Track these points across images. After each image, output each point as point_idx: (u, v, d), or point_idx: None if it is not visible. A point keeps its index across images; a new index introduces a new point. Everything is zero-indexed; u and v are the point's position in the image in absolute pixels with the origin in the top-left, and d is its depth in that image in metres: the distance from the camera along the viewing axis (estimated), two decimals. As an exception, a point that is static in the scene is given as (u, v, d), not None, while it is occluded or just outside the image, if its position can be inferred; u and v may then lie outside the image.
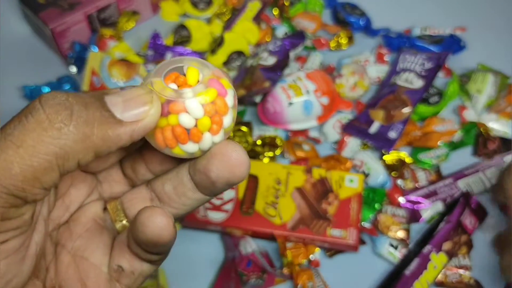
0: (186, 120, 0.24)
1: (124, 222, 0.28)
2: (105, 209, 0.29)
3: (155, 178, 0.28)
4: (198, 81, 0.25)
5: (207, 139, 0.24)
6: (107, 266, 0.27)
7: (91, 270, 0.26)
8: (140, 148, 0.28)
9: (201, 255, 0.54)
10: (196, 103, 0.24)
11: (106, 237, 0.28)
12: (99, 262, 0.27)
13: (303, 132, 0.62)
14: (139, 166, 0.28)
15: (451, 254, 0.52)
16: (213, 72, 0.25)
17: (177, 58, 0.26)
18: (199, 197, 0.26)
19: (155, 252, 0.26)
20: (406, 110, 0.61)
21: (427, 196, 0.57)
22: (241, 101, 0.63)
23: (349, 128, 0.61)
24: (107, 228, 0.28)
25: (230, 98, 0.25)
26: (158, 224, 0.24)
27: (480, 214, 0.55)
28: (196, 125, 0.24)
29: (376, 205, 0.56)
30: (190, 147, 0.25)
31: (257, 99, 0.63)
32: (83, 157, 0.22)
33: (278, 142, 0.60)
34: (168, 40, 0.69)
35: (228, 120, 0.25)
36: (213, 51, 0.67)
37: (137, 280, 0.27)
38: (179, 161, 0.27)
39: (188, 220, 0.54)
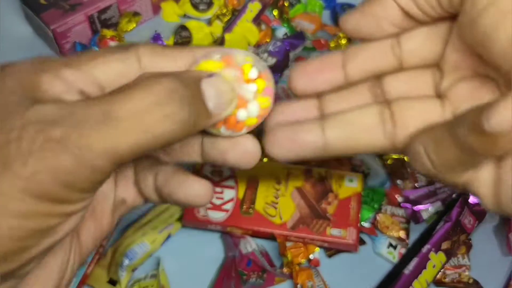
0: (243, 116, 0.26)
1: None
2: None
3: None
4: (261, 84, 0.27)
5: (243, 131, 0.27)
6: (113, 197, 0.28)
7: (100, 198, 0.27)
8: None
9: (201, 254, 0.55)
10: (257, 107, 0.27)
11: None
12: (107, 191, 0.28)
13: (303, 132, 0.63)
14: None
15: (450, 254, 0.52)
16: (270, 77, 0.27)
17: (243, 53, 0.27)
18: (199, 160, 0.29)
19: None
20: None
21: (426, 196, 0.57)
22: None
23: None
24: None
25: (272, 103, 0.27)
26: (202, 195, 0.28)
27: (479, 213, 0.55)
28: (245, 120, 0.27)
29: (376, 205, 0.56)
30: (227, 132, 0.27)
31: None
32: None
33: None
34: (169, 41, 0.69)
35: (261, 122, 0.28)
36: (213, 51, 0.68)
37: (131, 210, 0.29)
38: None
39: (188, 220, 0.54)
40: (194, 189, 0.27)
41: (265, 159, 0.60)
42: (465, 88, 0.25)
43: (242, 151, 0.27)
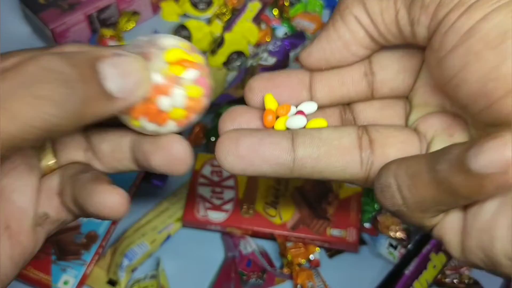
0: (165, 104, 0.23)
1: (51, 163, 0.26)
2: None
3: (94, 131, 0.26)
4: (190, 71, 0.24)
5: (170, 127, 0.24)
6: (33, 211, 0.25)
7: (16, 213, 0.24)
8: None
9: (201, 254, 0.55)
10: (183, 94, 0.23)
11: (34, 177, 0.25)
12: (26, 205, 0.25)
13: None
14: None
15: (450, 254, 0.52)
16: (204, 68, 0.24)
17: (174, 38, 0.24)
18: (132, 167, 0.26)
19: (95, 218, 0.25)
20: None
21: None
22: (241, 101, 0.63)
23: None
24: (35, 167, 0.26)
25: (208, 100, 0.24)
26: (114, 207, 0.24)
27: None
28: (169, 111, 0.23)
29: (376, 205, 0.56)
30: (150, 126, 0.24)
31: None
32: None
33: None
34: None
35: (197, 117, 0.25)
36: (213, 51, 0.67)
37: (59, 226, 0.26)
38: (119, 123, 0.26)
39: (189, 220, 0.54)
40: (105, 200, 0.24)
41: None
42: (435, 122, 0.24)
43: (168, 155, 0.24)
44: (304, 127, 0.25)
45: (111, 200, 0.24)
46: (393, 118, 0.25)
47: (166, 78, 0.23)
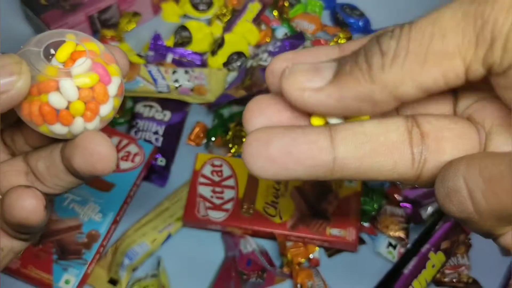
0: (56, 101, 0.22)
1: None
2: None
3: (32, 152, 0.26)
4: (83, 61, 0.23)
5: (79, 124, 0.23)
6: None
7: None
8: (19, 119, 0.25)
9: (201, 254, 0.55)
10: (71, 85, 0.22)
11: None
12: None
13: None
14: (17, 137, 0.26)
15: (449, 253, 0.53)
16: (103, 55, 0.24)
17: (66, 31, 0.24)
18: (71, 179, 0.25)
19: (25, 232, 0.24)
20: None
21: (425, 195, 0.57)
22: (241, 101, 0.63)
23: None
24: None
25: (114, 87, 0.23)
26: (26, 207, 0.23)
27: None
28: (68, 108, 0.23)
29: (375, 205, 0.56)
30: (58, 129, 0.23)
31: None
32: None
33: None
34: (169, 41, 0.69)
35: (107, 108, 0.24)
36: (213, 52, 0.68)
37: (6, 257, 0.25)
38: (55, 139, 0.25)
39: (189, 220, 0.54)
40: (22, 202, 0.23)
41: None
42: (492, 109, 0.20)
43: (86, 153, 0.23)
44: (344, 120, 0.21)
45: (25, 203, 0.23)
46: (440, 105, 0.22)
47: (52, 74, 0.22)
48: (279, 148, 0.19)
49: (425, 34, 0.19)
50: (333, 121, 0.21)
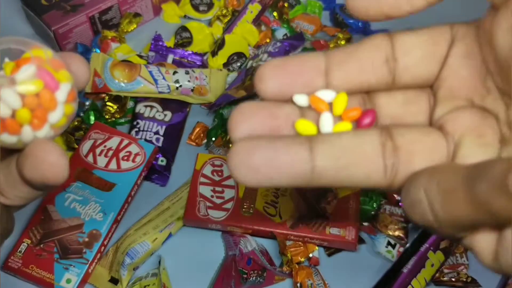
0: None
1: None
2: None
3: None
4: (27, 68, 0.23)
5: (28, 133, 0.23)
6: None
7: None
8: None
9: (202, 253, 0.55)
10: (12, 93, 0.22)
11: None
12: None
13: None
14: None
15: (448, 253, 0.53)
16: (51, 61, 0.23)
17: (16, 39, 0.23)
18: (29, 190, 0.24)
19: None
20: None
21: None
22: (241, 101, 0.63)
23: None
24: None
25: (62, 93, 0.23)
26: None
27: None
28: (14, 116, 0.22)
29: (375, 204, 0.56)
30: (7, 138, 0.23)
31: (258, 99, 0.63)
32: None
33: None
34: (169, 42, 0.69)
35: (56, 115, 0.23)
36: (213, 52, 0.68)
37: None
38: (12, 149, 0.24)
39: (190, 219, 0.54)
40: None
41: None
42: (463, 120, 0.21)
43: (35, 162, 0.22)
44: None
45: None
46: (417, 114, 0.23)
47: None
48: (262, 158, 0.21)
49: None
50: (324, 123, 0.22)
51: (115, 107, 0.63)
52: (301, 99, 0.23)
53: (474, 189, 0.17)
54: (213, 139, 0.61)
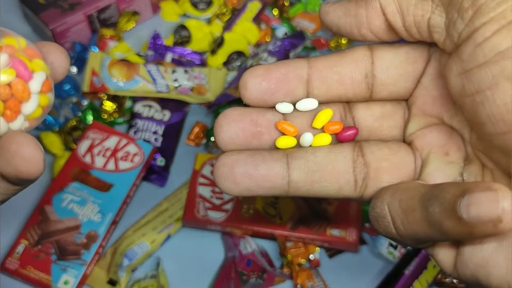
0: None
1: None
2: None
3: None
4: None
5: (0, 125, 0.22)
6: None
7: None
8: None
9: (201, 254, 0.55)
10: None
11: None
12: None
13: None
14: None
15: (450, 254, 0.53)
16: (25, 50, 0.22)
17: None
18: (5, 185, 0.23)
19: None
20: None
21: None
22: (241, 101, 0.63)
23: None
24: None
25: (36, 83, 0.22)
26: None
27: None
28: None
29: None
30: None
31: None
32: None
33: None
34: (168, 41, 0.69)
35: (30, 106, 0.22)
36: (213, 51, 0.68)
37: None
38: None
39: (189, 220, 0.54)
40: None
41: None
42: (431, 138, 0.24)
43: (10, 156, 0.21)
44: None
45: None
46: (392, 129, 0.25)
47: None
48: (242, 172, 0.23)
49: None
50: (304, 139, 0.24)
51: (113, 106, 0.63)
52: (284, 108, 0.24)
53: (428, 210, 0.20)
54: (213, 139, 0.61)
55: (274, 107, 0.25)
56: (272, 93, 0.24)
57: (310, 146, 0.24)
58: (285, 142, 0.24)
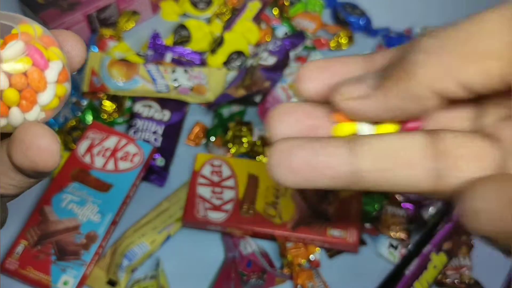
0: None
1: None
2: None
3: None
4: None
5: (16, 115, 0.21)
6: None
7: None
8: None
9: (201, 255, 0.55)
10: None
11: None
12: None
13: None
14: None
15: (451, 254, 0.52)
16: (41, 38, 0.21)
17: (2, 14, 0.22)
18: (22, 178, 0.23)
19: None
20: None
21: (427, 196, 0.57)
22: (241, 101, 0.63)
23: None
24: None
25: (53, 72, 0.21)
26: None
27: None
28: (1, 97, 0.20)
29: (376, 205, 0.56)
30: None
31: (257, 99, 0.63)
32: None
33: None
34: (168, 40, 0.69)
35: (47, 96, 0.21)
36: (213, 51, 0.67)
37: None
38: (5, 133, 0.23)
39: (189, 220, 0.54)
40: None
41: (265, 160, 0.59)
42: None
43: (25, 148, 0.21)
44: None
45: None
46: (463, 120, 0.22)
47: None
48: (301, 159, 0.20)
49: (467, 33, 0.19)
50: (363, 128, 0.21)
51: (113, 106, 0.62)
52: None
53: None
54: (212, 139, 0.61)
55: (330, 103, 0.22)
56: (330, 88, 0.22)
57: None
58: (345, 129, 0.21)
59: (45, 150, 0.21)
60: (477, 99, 0.21)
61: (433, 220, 0.56)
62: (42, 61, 0.21)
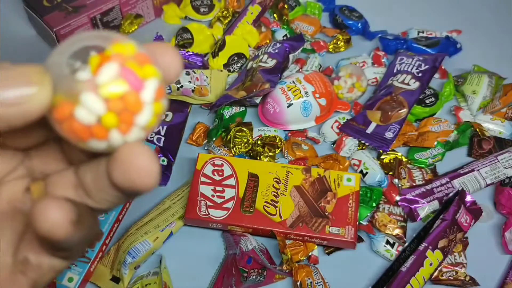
0: (84, 116, 0.20)
1: None
2: (28, 189, 0.24)
3: (84, 163, 0.24)
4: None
5: (116, 138, 0.21)
6: (11, 255, 0.23)
7: None
8: None
9: (202, 252, 0.55)
10: (94, 98, 0.20)
11: (19, 222, 0.23)
12: (2, 249, 0.23)
13: (302, 132, 0.63)
14: (71, 146, 0.23)
15: (446, 252, 0.53)
16: (135, 57, 0.21)
17: (94, 34, 0.21)
18: (117, 194, 0.22)
19: (58, 248, 0.22)
20: (403, 111, 0.62)
21: (423, 194, 0.58)
22: (241, 102, 0.64)
23: (347, 129, 0.63)
24: (24, 212, 0.24)
25: (149, 92, 0.21)
26: (49, 219, 0.20)
27: (475, 212, 0.56)
28: (100, 122, 0.20)
29: (373, 204, 0.57)
30: (95, 144, 0.21)
31: (257, 100, 0.64)
32: None
33: (278, 142, 0.61)
34: (170, 43, 0.70)
35: (144, 117, 0.21)
36: (214, 53, 0.68)
37: (46, 275, 0.24)
38: None
39: (190, 218, 0.55)
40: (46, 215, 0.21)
41: (265, 159, 0.60)
42: None
43: (125, 168, 0.21)
44: None
45: (50, 215, 0.20)
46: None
47: (74, 86, 0.20)
48: None
49: None
50: None
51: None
52: None
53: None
54: (214, 139, 0.62)
55: None
56: None
57: None
58: None
59: (144, 170, 0.21)
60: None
61: (429, 218, 0.57)
62: (137, 82, 0.20)
